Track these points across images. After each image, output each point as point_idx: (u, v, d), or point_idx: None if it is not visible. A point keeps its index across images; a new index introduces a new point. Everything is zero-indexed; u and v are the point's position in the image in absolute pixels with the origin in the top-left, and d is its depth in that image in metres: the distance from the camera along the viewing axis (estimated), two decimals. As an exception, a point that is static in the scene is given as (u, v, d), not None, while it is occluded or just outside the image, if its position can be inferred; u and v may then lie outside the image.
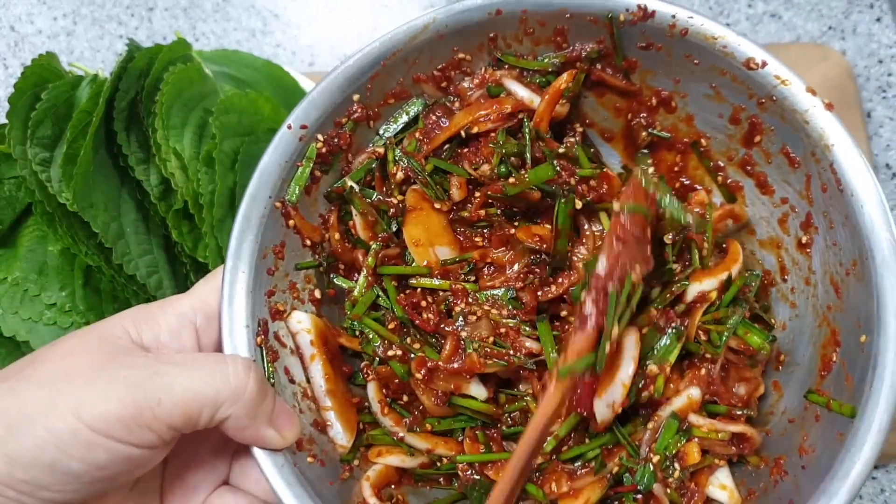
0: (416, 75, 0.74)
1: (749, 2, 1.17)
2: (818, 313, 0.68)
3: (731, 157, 0.75)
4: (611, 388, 0.64)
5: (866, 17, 1.16)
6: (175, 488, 0.63)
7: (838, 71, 1.07)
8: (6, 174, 0.95)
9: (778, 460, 0.64)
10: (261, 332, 0.65)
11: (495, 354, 0.68)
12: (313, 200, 0.73)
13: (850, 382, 0.61)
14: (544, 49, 0.75)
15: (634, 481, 0.64)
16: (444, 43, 0.73)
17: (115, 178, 0.90)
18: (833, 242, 0.66)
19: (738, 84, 0.70)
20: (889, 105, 1.10)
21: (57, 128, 0.89)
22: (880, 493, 0.91)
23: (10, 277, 0.89)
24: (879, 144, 1.09)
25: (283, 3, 1.22)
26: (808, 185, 0.68)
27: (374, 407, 0.71)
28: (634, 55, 0.74)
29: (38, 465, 0.52)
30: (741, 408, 0.67)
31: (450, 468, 0.70)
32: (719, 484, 0.66)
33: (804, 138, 0.67)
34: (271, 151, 0.69)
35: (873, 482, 0.91)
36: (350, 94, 0.72)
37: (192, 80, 0.92)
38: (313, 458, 0.64)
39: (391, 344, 0.70)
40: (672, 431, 0.65)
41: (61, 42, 1.23)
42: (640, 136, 0.79)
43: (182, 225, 0.88)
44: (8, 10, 1.26)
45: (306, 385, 0.68)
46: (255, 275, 0.66)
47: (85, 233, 0.87)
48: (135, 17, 1.24)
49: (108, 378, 0.54)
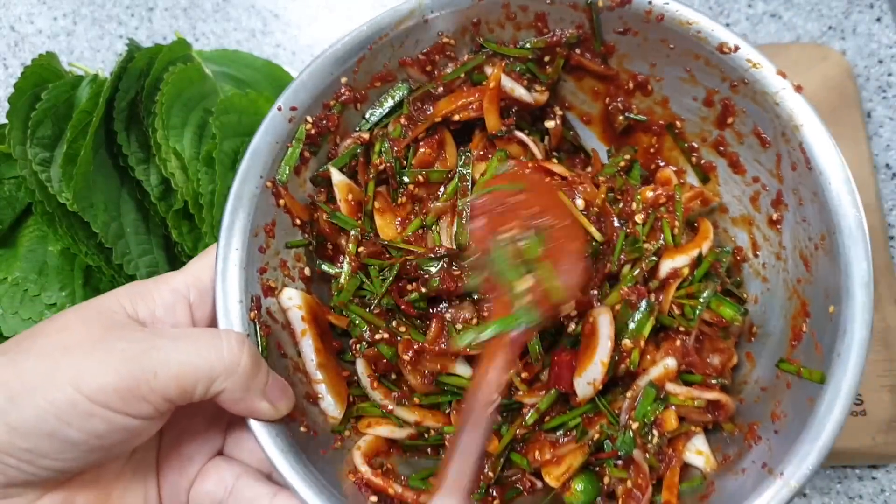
0: (402, 59, 0.76)
1: (749, 2, 1.17)
2: (788, 287, 0.71)
3: (704, 138, 0.78)
4: (590, 366, 0.67)
5: (866, 17, 1.15)
6: (171, 458, 0.65)
7: (838, 71, 1.07)
8: (6, 174, 0.95)
9: (752, 426, 0.67)
10: (254, 308, 0.67)
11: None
12: (302, 181, 0.74)
13: (820, 351, 0.64)
14: (526, 34, 0.77)
15: (615, 447, 0.67)
16: (430, 27, 0.75)
17: (115, 178, 0.90)
18: (802, 218, 0.70)
19: (712, 68, 0.73)
20: (889, 105, 1.10)
21: (57, 128, 0.89)
22: (880, 493, 0.92)
23: (10, 277, 0.89)
24: (879, 144, 1.08)
25: (283, 3, 1.23)
26: (778, 164, 0.72)
27: (364, 382, 0.73)
28: (612, 40, 0.76)
29: (38, 433, 0.54)
30: (715, 377, 0.70)
31: (437, 439, 0.72)
32: (695, 450, 0.69)
33: (774, 119, 0.70)
34: (262, 133, 0.70)
35: (873, 482, 0.92)
36: (338, 76, 0.73)
37: (192, 80, 0.93)
38: (306, 429, 0.66)
39: (377, 328, 0.72)
40: (650, 399, 0.67)
41: (61, 42, 1.23)
42: (616, 119, 0.81)
43: (182, 225, 0.89)
44: (8, 10, 1.26)
45: (297, 359, 0.70)
46: (247, 252, 0.68)
47: (85, 233, 0.87)
48: (135, 17, 1.24)
49: (106, 351, 0.56)
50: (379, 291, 0.72)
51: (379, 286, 0.72)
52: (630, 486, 0.67)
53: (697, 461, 0.68)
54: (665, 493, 0.66)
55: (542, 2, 0.74)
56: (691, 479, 0.68)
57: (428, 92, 0.78)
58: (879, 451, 0.88)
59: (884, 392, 0.89)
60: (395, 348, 0.71)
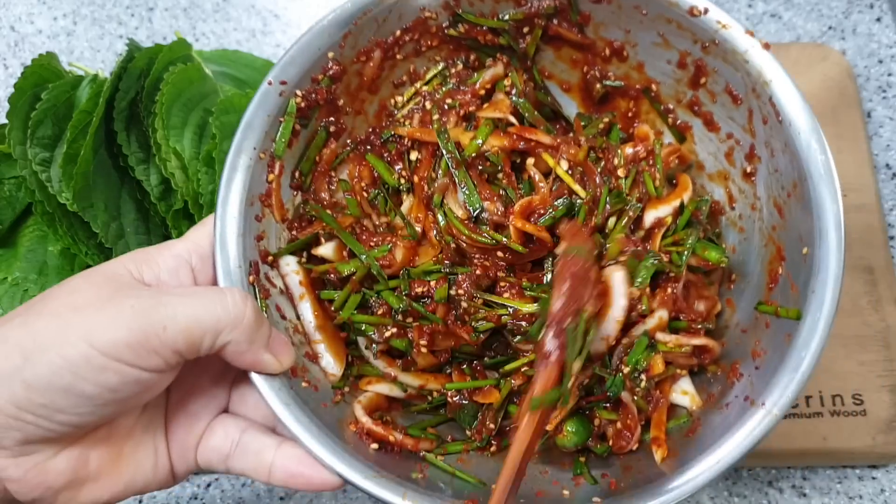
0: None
1: (749, 2, 1.18)
2: (764, 234, 0.74)
3: (679, 99, 0.81)
4: (605, 323, 0.70)
5: (866, 17, 1.16)
6: (178, 416, 0.67)
7: (838, 71, 1.08)
8: (6, 174, 0.96)
9: (734, 365, 0.70)
10: (252, 272, 0.70)
11: (486, 317, 0.73)
12: (293, 154, 0.77)
13: (796, 290, 0.68)
14: (504, 6, 0.80)
15: (605, 390, 0.70)
16: (411, 2, 0.78)
17: (116, 178, 0.91)
18: (775, 169, 0.73)
19: (683, 31, 0.76)
20: (889, 105, 1.11)
21: (57, 128, 0.90)
22: (880, 493, 0.92)
23: (10, 277, 0.90)
24: (879, 144, 1.09)
25: (282, 3, 1.25)
26: (750, 119, 0.75)
27: (366, 354, 0.75)
28: (588, 9, 0.80)
29: (54, 389, 0.56)
30: (702, 322, 0.73)
31: (440, 400, 0.75)
32: (681, 391, 0.72)
33: (745, 77, 0.73)
34: (254, 106, 0.73)
35: (873, 482, 0.92)
36: (325, 51, 0.76)
37: (192, 80, 0.94)
38: (307, 384, 0.69)
39: (385, 326, 0.74)
40: (642, 348, 0.71)
41: (61, 42, 1.24)
42: (595, 87, 0.85)
43: (182, 225, 0.90)
44: (8, 10, 1.27)
45: (297, 321, 0.73)
46: (244, 220, 0.71)
47: (85, 233, 0.89)
48: (135, 17, 1.25)
49: (116, 308, 0.58)
50: (397, 307, 0.73)
51: (397, 301, 0.73)
52: (620, 426, 0.70)
53: (683, 401, 0.71)
54: (654, 430, 0.69)
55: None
56: (678, 416, 0.71)
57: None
58: (879, 451, 0.89)
59: (884, 392, 0.90)
60: (406, 340, 0.73)
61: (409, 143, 0.80)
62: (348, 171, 0.81)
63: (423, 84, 0.83)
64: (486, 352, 0.76)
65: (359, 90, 0.81)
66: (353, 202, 0.78)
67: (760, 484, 0.92)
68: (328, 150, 0.80)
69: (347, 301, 0.74)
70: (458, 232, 0.74)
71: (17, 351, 0.56)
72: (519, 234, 0.73)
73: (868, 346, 0.91)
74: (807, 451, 0.89)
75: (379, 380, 0.74)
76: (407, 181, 0.79)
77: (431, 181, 0.77)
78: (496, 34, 0.82)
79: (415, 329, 0.72)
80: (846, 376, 0.91)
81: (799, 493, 0.92)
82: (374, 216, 0.79)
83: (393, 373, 0.74)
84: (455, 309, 0.73)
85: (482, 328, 0.72)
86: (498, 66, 0.82)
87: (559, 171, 0.75)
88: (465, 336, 0.72)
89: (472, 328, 0.73)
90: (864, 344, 0.91)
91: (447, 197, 0.76)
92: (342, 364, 0.73)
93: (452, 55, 0.84)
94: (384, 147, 0.81)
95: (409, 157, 0.80)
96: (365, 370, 0.75)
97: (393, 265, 0.74)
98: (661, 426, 0.69)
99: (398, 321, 0.73)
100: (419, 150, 0.79)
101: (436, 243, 0.76)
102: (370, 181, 0.80)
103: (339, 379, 0.73)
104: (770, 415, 0.63)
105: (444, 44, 0.83)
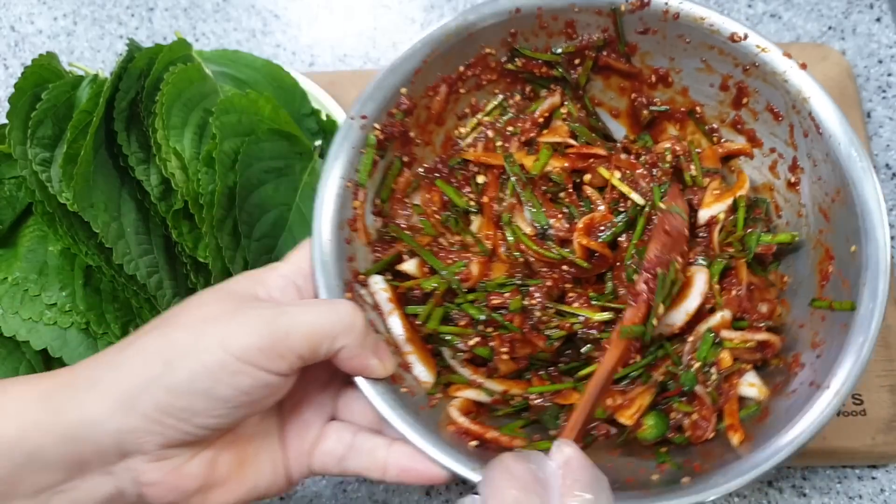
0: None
1: (749, 2, 1.19)
2: (812, 238, 0.81)
3: (723, 119, 0.88)
4: (674, 313, 0.78)
5: (866, 18, 1.17)
6: (293, 423, 0.73)
7: (838, 71, 1.09)
8: (6, 174, 0.96)
9: (795, 356, 0.76)
10: (347, 290, 0.76)
11: (559, 325, 0.79)
12: (373, 182, 0.83)
13: (847, 285, 0.74)
14: (556, 41, 0.88)
15: (679, 384, 0.76)
16: (473, 41, 0.85)
17: (116, 178, 0.91)
18: (818, 178, 0.80)
19: (725, 56, 0.83)
20: (889, 105, 1.11)
21: (57, 128, 0.90)
22: (880, 493, 0.92)
23: (10, 277, 0.91)
24: (879, 144, 1.10)
25: (283, 4, 1.27)
26: (791, 133, 0.82)
27: (452, 363, 0.81)
28: (634, 40, 0.87)
29: (193, 393, 0.62)
30: (765, 321, 0.80)
31: (521, 405, 0.80)
32: (748, 383, 0.77)
33: (784, 95, 0.81)
34: (339, 139, 0.80)
35: (873, 482, 0.92)
36: (398, 88, 0.83)
37: (192, 80, 0.95)
38: (406, 389, 0.75)
39: (468, 336, 0.80)
40: (709, 345, 0.77)
41: (61, 42, 1.25)
42: (642, 113, 0.92)
43: (182, 225, 0.90)
44: (8, 10, 1.27)
45: (388, 335, 0.79)
46: (336, 244, 0.77)
47: (85, 233, 0.88)
48: (135, 17, 1.26)
49: (244, 317, 0.64)
50: (478, 317, 0.79)
51: (478, 312, 0.79)
52: (695, 417, 0.75)
53: (751, 392, 0.77)
54: (727, 419, 0.75)
55: (570, 10, 0.85)
56: (747, 406, 0.77)
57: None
58: (879, 451, 0.90)
59: (883, 392, 0.91)
60: (489, 348, 0.79)
61: (474, 168, 0.86)
62: (421, 197, 0.87)
63: (484, 115, 0.91)
64: (560, 359, 0.82)
65: (427, 122, 0.88)
66: (428, 224, 0.85)
67: (760, 483, 0.94)
68: (403, 179, 0.86)
69: (431, 314, 0.80)
70: (526, 248, 0.81)
71: (157, 359, 0.62)
72: (583, 249, 0.80)
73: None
74: (806, 450, 0.88)
75: (466, 386, 0.80)
76: (475, 203, 0.86)
77: (499, 201, 0.84)
78: (550, 66, 0.89)
79: (496, 337, 0.78)
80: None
81: (799, 492, 0.93)
82: (448, 235, 0.85)
83: (478, 379, 0.80)
84: (529, 318, 0.79)
85: (556, 335, 0.79)
86: (555, 95, 0.89)
87: (614, 180, 0.82)
88: (540, 344, 0.78)
89: (545, 336, 0.79)
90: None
91: (514, 215, 0.83)
92: (433, 372, 0.78)
93: (510, 87, 0.91)
94: (451, 174, 0.88)
95: (475, 181, 0.86)
96: (452, 378, 0.81)
97: (470, 279, 0.80)
98: (734, 414, 0.75)
99: (479, 331, 0.79)
100: (485, 174, 0.86)
101: (505, 259, 0.82)
102: (440, 205, 0.87)
103: (432, 386, 0.78)
104: (838, 395, 0.68)
105: (503, 77, 0.90)
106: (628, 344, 0.75)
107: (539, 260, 0.81)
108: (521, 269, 0.81)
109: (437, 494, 0.97)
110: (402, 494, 0.97)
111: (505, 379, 0.81)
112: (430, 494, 0.97)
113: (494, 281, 0.80)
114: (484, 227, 0.84)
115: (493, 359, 0.79)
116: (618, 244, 0.82)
